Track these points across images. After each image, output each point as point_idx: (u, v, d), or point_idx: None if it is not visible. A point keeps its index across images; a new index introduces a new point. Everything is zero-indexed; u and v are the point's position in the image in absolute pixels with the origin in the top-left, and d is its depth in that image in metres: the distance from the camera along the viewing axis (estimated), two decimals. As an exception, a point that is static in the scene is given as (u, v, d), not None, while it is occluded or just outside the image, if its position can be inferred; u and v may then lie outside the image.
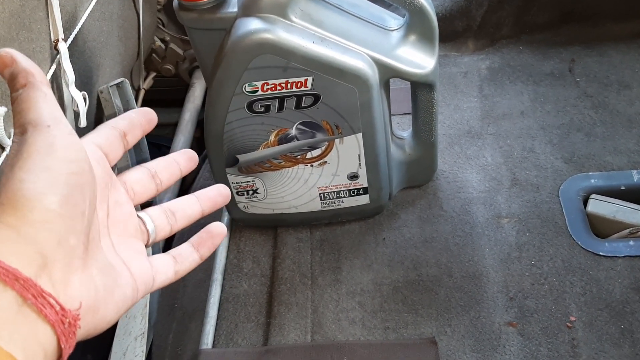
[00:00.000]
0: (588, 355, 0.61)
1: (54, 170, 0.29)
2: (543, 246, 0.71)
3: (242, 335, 0.68)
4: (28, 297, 0.26)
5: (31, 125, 0.30)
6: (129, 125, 0.38)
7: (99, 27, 0.70)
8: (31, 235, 0.27)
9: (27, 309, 0.26)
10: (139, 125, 0.39)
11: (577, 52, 0.95)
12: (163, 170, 0.40)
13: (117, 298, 0.32)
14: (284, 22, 0.57)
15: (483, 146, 0.83)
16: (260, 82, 0.59)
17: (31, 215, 0.27)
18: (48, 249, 0.28)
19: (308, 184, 0.70)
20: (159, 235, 0.38)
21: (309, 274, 0.72)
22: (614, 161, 0.79)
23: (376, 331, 0.66)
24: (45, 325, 0.27)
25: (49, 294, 0.27)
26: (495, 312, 0.66)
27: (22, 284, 0.26)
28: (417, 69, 0.63)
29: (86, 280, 0.30)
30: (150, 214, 0.38)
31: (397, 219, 0.76)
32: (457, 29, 0.98)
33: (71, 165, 0.30)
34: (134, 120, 0.38)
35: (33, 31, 0.53)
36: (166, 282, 0.37)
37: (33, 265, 0.27)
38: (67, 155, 0.30)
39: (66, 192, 0.29)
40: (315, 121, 0.63)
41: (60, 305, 0.27)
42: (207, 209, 0.41)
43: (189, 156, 0.42)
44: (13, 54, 0.31)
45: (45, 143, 0.29)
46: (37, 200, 0.28)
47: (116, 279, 0.33)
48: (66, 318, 0.28)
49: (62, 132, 0.30)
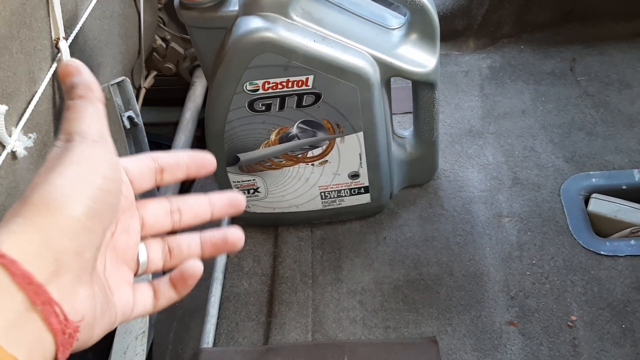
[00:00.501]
0: (589, 354, 0.61)
1: (90, 183, 0.29)
2: (544, 245, 0.71)
3: (243, 334, 0.68)
4: (37, 303, 0.26)
5: (79, 135, 0.31)
6: (172, 163, 0.37)
7: (99, 25, 0.70)
8: (53, 240, 0.28)
9: (33, 313, 0.26)
10: (184, 167, 0.37)
11: (578, 51, 0.95)
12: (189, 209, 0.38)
13: (106, 320, 0.32)
14: (285, 21, 0.57)
15: (484, 145, 0.83)
16: (261, 80, 0.59)
17: (60, 221, 0.28)
18: (65, 258, 0.28)
19: (309, 183, 0.70)
20: (149, 269, 0.37)
21: (310, 272, 0.72)
22: (615, 160, 0.78)
23: (377, 330, 0.66)
24: (47, 333, 0.27)
25: (56, 303, 0.27)
26: (496, 311, 0.66)
27: (33, 289, 0.26)
28: (418, 67, 0.63)
29: (90, 295, 0.30)
30: (149, 246, 0.37)
31: (398, 218, 0.76)
32: (458, 28, 0.98)
33: (106, 183, 0.30)
34: (180, 160, 0.37)
35: (34, 29, 0.53)
36: (144, 314, 0.36)
37: (47, 270, 0.27)
38: (106, 172, 0.30)
39: (96, 207, 0.29)
40: (316, 120, 0.63)
41: (64, 315, 0.28)
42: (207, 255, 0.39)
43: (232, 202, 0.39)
44: (79, 67, 0.32)
45: (89, 156, 0.30)
46: (68, 207, 0.28)
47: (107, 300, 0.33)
48: (67, 329, 0.28)
49: (107, 150, 0.31)
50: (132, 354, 0.62)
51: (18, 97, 0.51)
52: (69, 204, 0.28)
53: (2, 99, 0.49)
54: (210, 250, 0.38)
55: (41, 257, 0.27)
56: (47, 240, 0.27)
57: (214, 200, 0.39)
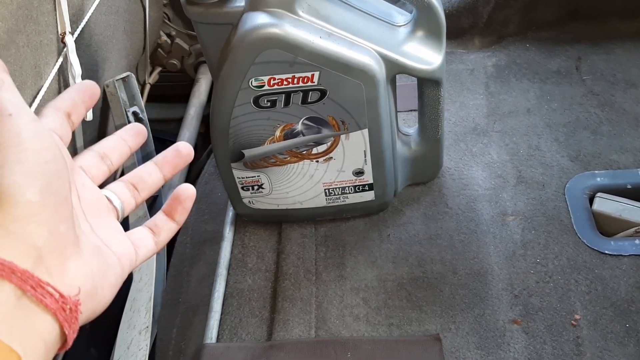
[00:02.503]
0: (592, 353, 0.61)
1: (27, 162, 0.28)
2: (548, 244, 0.71)
3: (246, 330, 0.68)
4: (27, 289, 0.26)
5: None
6: (71, 105, 0.37)
7: (105, 21, 0.70)
8: (19, 230, 0.27)
9: (26, 300, 0.26)
10: (81, 103, 0.38)
11: (583, 50, 0.94)
12: (111, 150, 0.39)
13: (111, 278, 0.32)
14: (291, 17, 0.57)
15: (489, 143, 0.83)
16: (267, 76, 0.59)
17: (15, 211, 0.27)
18: (40, 241, 0.27)
19: (313, 180, 0.70)
20: (126, 210, 0.38)
21: (314, 269, 0.72)
22: (620, 160, 0.78)
23: (380, 327, 0.66)
24: (45, 315, 0.27)
25: (47, 284, 0.27)
26: (499, 310, 0.66)
27: (19, 277, 0.26)
28: (424, 65, 0.63)
29: (82, 265, 0.30)
30: (114, 190, 0.38)
31: (402, 216, 0.76)
32: (464, 26, 0.98)
33: (43, 154, 0.29)
34: (75, 98, 0.38)
35: (40, 24, 0.53)
36: (148, 255, 0.37)
37: (29, 258, 0.27)
38: (37, 144, 0.29)
39: (45, 182, 0.28)
40: (321, 117, 0.63)
41: (59, 293, 0.27)
42: (169, 174, 0.40)
43: (135, 131, 0.41)
44: None
45: (11, 134, 0.28)
46: (17, 195, 0.27)
47: (106, 259, 0.33)
48: (67, 305, 0.28)
49: (26, 120, 0.29)
50: (136, 349, 0.62)
51: (24, 91, 0.51)
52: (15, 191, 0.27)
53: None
54: (169, 169, 0.40)
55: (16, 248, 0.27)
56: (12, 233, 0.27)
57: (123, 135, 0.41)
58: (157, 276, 0.75)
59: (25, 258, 0.27)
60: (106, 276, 0.32)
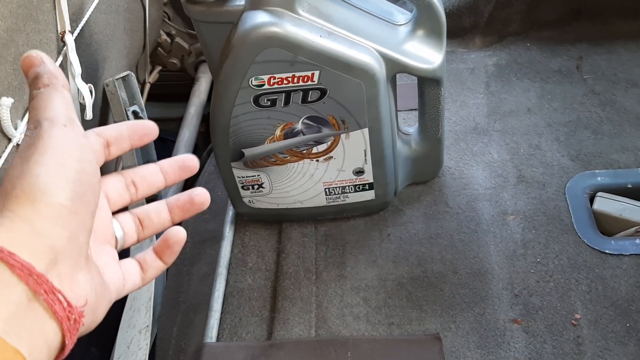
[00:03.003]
0: (593, 353, 0.61)
1: (68, 168, 0.29)
2: (549, 243, 0.71)
3: (246, 329, 0.68)
4: (40, 293, 0.26)
5: (48, 121, 0.30)
6: (115, 136, 0.37)
7: (105, 19, 0.70)
8: (44, 229, 0.27)
9: (36, 304, 0.26)
10: (127, 138, 0.37)
11: (585, 50, 0.94)
12: (142, 180, 0.38)
13: (107, 298, 0.33)
14: (292, 16, 0.56)
15: (489, 143, 0.83)
16: (267, 75, 0.59)
17: (45, 210, 0.28)
18: (59, 245, 0.28)
19: (313, 179, 0.70)
20: (127, 243, 0.38)
21: (314, 269, 0.72)
22: (621, 159, 0.78)
23: (380, 327, 0.66)
24: (52, 321, 0.27)
25: (58, 291, 0.27)
26: (500, 309, 0.66)
27: (35, 280, 0.26)
28: (425, 64, 0.62)
29: (89, 279, 0.30)
30: (121, 221, 0.38)
31: (402, 215, 0.76)
32: (465, 25, 0.98)
33: (84, 166, 0.30)
34: (122, 133, 0.37)
35: (40, 22, 0.53)
36: (134, 289, 0.37)
37: (44, 260, 0.27)
38: (81, 155, 0.30)
39: (79, 190, 0.29)
40: (321, 116, 0.63)
41: (67, 301, 0.28)
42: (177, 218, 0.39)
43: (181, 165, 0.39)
44: (42, 56, 0.32)
45: (61, 140, 0.30)
46: (52, 195, 0.28)
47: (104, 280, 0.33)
48: (72, 315, 0.28)
49: (77, 133, 0.31)
50: (136, 348, 0.62)
51: (24, 90, 0.51)
52: (51, 192, 0.28)
53: (8, 92, 0.49)
54: (179, 214, 0.39)
55: (36, 248, 0.27)
56: (37, 231, 0.27)
57: (164, 167, 0.39)
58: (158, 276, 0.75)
59: (41, 259, 0.27)
60: (104, 295, 0.32)
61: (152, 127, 0.38)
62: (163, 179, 0.39)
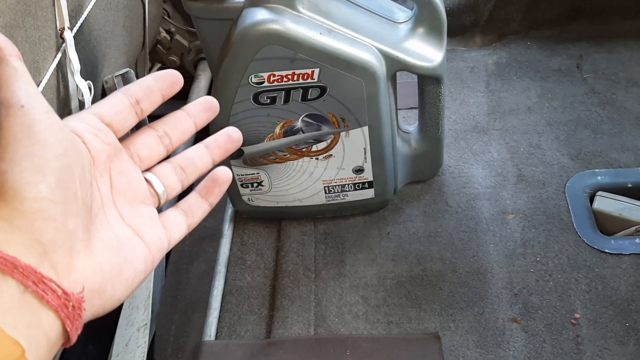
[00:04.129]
0: (592, 352, 0.61)
1: (37, 157, 0.27)
2: (548, 243, 0.70)
3: (245, 328, 0.67)
4: (29, 285, 0.26)
5: (3, 105, 0.27)
6: (145, 90, 0.35)
7: (104, 16, 0.70)
8: (25, 225, 0.26)
9: (29, 296, 0.26)
10: (158, 90, 0.35)
11: (585, 49, 0.94)
12: (174, 129, 0.37)
13: (127, 275, 0.31)
14: (292, 13, 0.56)
15: (489, 141, 0.82)
16: (267, 73, 0.58)
17: (22, 207, 0.26)
18: (46, 237, 0.27)
19: (313, 177, 0.70)
20: (170, 195, 0.37)
21: (313, 267, 0.72)
22: (621, 158, 0.78)
23: (379, 325, 0.66)
24: (47, 311, 0.27)
25: (49, 280, 0.27)
26: (499, 308, 0.65)
27: (21, 272, 0.26)
28: (425, 62, 0.62)
29: (91, 262, 0.29)
30: (159, 174, 0.36)
31: (402, 214, 0.76)
32: (465, 23, 0.98)
33: (55, 148, 0.28)
34: (150, 85, 0.35)
35: (39, 19, 0.53)
36: (180, 238, 0.36)
37: (33, 253, 0.27)
38: (49, 137, 0.28)
39: (54, 177, 0.27)
40: (321, 114, 0.63)
41: (62, 289, 0.27)
42: (218, 158, 0.39)
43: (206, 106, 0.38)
44: None
45: (23, 127, 0.27)
46: (25, 190, 0.26)
47: (125, 255, 0.32)
48: (70, 302, 0.27)
49: (39, 112, 0.28)
50: (134, 346, 0.62)
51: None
52: (23, 187, 0.26)
53: None
54: (219, 153, 0.39)
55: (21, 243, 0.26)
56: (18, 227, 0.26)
57: (191, 111, 0.38)
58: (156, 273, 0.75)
59: (29, 254, 0.26)
60: (121, 272, 0.31)
61: (177, 74, 0.37)
62: (193, 122, 0.38)
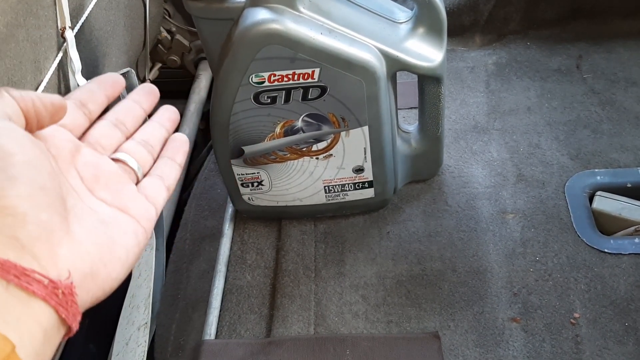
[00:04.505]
0: (591, 352, 0.61)
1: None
2: (548, 242, 0.71)
3: (245, 327, 0.68)
4: (10, 279, 0.26)
5: None
6: (86, 93, 0.38)
7: (105, 16, 0.70)
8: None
9: (14, 289, 0.26)
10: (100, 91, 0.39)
11: (584, 49, 0.94)
12: (125, 115, 0.40)
13: (119, 253, 0.32)
14: (292, 13, 0.56)
15: (489, 141, 0.83)
16: (267, 73, 0.58)
17: None
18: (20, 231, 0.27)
19: (313, 177, 0.70)
20: (145, 168, 0.39)
21: (313, 266, 0.72)
22: (621, 158, 0.78)
23: (379, 325, 0.66)
24: (38, 301, 0.27)
25: (32, 271, 0.27)
26: (499, 308, 0.66)
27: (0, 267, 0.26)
28: (425, 62, 0.62)
29: (75, 248, 0.30)
30: (128, 151, 0.39)
31: (402, 213, 0.76)
32: (465, 23, 0.98)
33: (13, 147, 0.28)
34: (92, 88, 0.39)
35: (40, 18, 0.53)
36: (164, 202, 0.38)
37: (11, 248, 0.27)
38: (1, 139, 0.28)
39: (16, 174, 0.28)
40: (321, 113, 0.63)
41: (48, 278, 0.27)
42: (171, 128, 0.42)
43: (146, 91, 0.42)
44: None
45: None
46: None
47: (112, 234, 0.32)
48: (58, 289, 0.27)
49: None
50: (134, 345, 0.62)
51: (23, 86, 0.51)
52: None
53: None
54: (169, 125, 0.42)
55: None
56: None
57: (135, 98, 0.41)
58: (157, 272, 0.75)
59: (7, 249, 0.26)
60: (111, 251, 0.32)
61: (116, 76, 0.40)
62: (140, 107, 0.41)
